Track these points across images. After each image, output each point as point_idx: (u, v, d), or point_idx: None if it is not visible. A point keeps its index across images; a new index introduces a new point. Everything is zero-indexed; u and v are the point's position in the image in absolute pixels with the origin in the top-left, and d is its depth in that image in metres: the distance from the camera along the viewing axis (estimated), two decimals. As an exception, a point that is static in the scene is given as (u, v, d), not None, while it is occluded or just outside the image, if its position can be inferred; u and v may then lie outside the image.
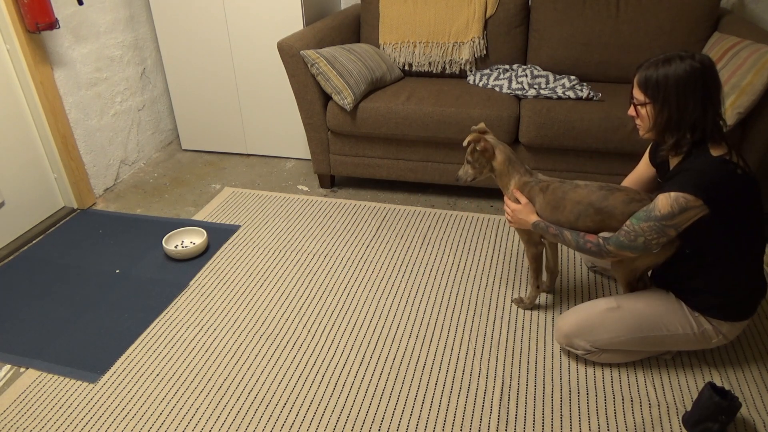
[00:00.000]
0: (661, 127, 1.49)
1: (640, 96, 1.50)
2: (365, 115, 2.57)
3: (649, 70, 1.46)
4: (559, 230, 1.69)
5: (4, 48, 2.37)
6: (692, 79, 1.40)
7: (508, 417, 1.62)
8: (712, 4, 2.57)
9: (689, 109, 1.43)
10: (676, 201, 1.43)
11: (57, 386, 1.77)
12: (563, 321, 1.76)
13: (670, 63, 1.43)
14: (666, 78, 1.42)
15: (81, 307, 2.10)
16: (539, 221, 1.75)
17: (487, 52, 2.86)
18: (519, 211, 1.80)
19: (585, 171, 2.51)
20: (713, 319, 1.61)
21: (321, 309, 2.06)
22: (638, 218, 1.51)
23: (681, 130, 1.46)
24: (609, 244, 1.57)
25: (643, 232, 1.49)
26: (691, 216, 1.44)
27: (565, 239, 1.68)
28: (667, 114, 1.46)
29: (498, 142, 1.85)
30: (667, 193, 1.45)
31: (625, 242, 1.54)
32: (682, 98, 1.42)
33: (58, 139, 2.60)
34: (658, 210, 1.46)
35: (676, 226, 1.46)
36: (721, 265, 1.54)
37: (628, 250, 1.55)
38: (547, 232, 1.73)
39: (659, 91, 1.44)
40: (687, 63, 1.41)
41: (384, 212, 2.67)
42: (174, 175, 3.11)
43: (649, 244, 1.51)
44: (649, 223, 1.48)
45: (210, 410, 1.67)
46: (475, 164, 1.87)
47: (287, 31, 2.84)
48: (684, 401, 1.65)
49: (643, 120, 1.53)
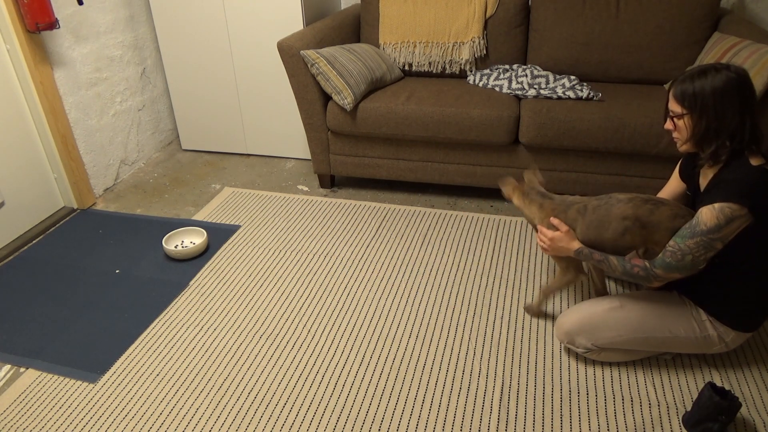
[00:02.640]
0: (699, 136, 1.47)
1: (677, 108, 1.49)
2: (365, 115, 2.57)
3: (685, 83, 1.46)
4: (604, 256, 1.61)
5: (4, 48, 2.37)
6: (729, 89, 1.40)
7: (508, 417, 1.62)
8: (712, 4, 2.57)
9: (727, 118, 1.42)
10: (721, 212, 1.40)
11: (57, 386, 1.77)
12: (565, 318, 1.76)
13: (706, 75, 1.43)
14: (703, 89, 1.42)
15: (81, 307, 2.10)
16: (582, 248, 1.66)
17: (487, 52, 2.86)
18: (559, 239, 1.71)
19: (585, 171, 2.51)
20: (721, 326, 1.60)
21: (321, 309, 2.06)
22: (682, 236, 1.46)
23: (720, 138, 1.45)
24: (656, 267, 1.51)
25: (690, 249, 1.45)
26: (737, 226, 1.41)
27: (611, 265, 1.59)
28: (705, 123, 1.45)
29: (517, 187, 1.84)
30: (711, 206, 1.42)
31: (673, 263, 1.48)
32: (720, 107, 1.42)
33: (58, 139, 2.60)
34: (703, 224, 1.42)
35: (723, 238, 1.42)
36: (747, 274, 1.53)
37: (676, 272, 1.49)
38: (592, 258, 1.64)
39: (696, 102, 1.44)
40: (723, 74, 1.41)
41: (384, 212, 2.67)
42: (174, 175, 3.11)
43: (696, 261, 1.46)
44: (695, 239, 1.43)
45: (210, 410, 1.67)
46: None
47: (287, 31, 2.84)
48: (684, 401, 1.65)
49: (680, 132, 1.52)
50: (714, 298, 1.60)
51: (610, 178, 2.49)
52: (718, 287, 1.59)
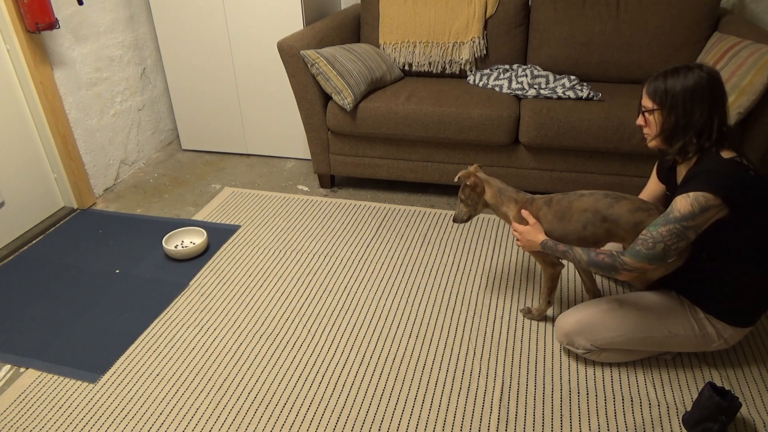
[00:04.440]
0: (668, 132, 1.51)
1: (648, 104, 1.52)
2: (365, 115, 2.57)
3: (657, 80, 1.50)
4: (568, 247, 1.65)
5: (4, 48, 2.37)
6: (699, 88, 1.44)
7: (508, 417, 1.62)
8: (712, 4, 2.57)
9: (695, 116, 1.45)
10: (696, 200, 1.41)
11: (57, 386, 1.77)
12: (564, 319, 1.76)
13: (678, 73, 1.47)
14: (674, 86, 1.46)
15: (81, 307, 2.10)
16: (547, 240, 1.71)
17: (487, 52, 2.86)
18: (527, 232, 1.76)
19: (585, 171, 2.51)
20: (718, 323, 1.61)
21: (321, 309, 2.06)
22: (655, 224, 1.48)
23: (687, 134, 1.48)
24: (625, 256, 1.52)
25: (662, 237, 1.45)
26: (710, 216, 1.42)
27: (576, 255, 1.62)
28: (674, 119, 1.48)
29: (488, 178, 1.85)
30: (686, 194, 1.44)
31: (643, 251, 1.48)
32: (689, 104, 1.45)
33: (58, 139, 2.60)
34: (677, 211, 1.44)
35: (696, 227, 1.43)
36: (736, 270, 1.54)
37: (645, 261, 1.49)
38: (557, 250, 1.68)
39: (667, 98, 1.47)
40: (695, 73, 1.45)
41: (384, 212, 2.67)
42: (174, 175, 3.11)
43: (668, 250, 1.46)
44: (668, 227, 1.45)
45: (210, 410, 1.67)
46: (468, 201, 1.87)
47: (287, 31, 2.84)
48: (684, 401, 1.66)
49: (650, 127, 1.55)
50: (709, 295, 1.61)
51: (610, 178, 2.49)
52: (712, 285, 1.59)
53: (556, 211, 1.72)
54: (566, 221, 1.70)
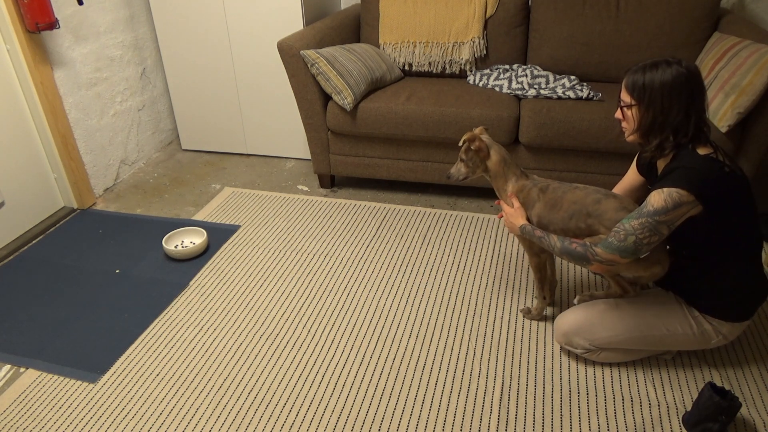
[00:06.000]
0: (645, 128, 1.51)
1: (626, 98, 1.52)
2: (365, 115, 2.57)
3: (636, 74, 1.49)
4: (544, 233, 1.67)
5: (4, 48, 2.37)
6: (677, 84, 1.43)
7: (508, 417, 1.62)
8: (712, 4, 2.57)
9: (673, 112, 1.45)
10: (669, 196, 1.43)
11: (57, 386, 1.77)
12: (562, 320, 1.76)
13: (657, 68, 1.46)
14: (652, 81, 1.45)
15: (81, 307, 2.10)
16: (526, 225, 1.73)
17: (487, 52, 2.86)
18: (511, 214, 1.80)
19: (585, 171, 2.51)
20: (714, 320, 1.61)
21: (321, 309, 2.06)
22: (629, 218, 1.49)
23: (664, 132, 1.48)
24: (596, 246, 1.54)
25: (634, 230, 1.46)
26: (683, 212, 1.43)
27: (551, 242, 1.64)
28: (651, 116, 1.48)
29: (493, 143, 1.84)
30: (660, 189, 1.45)
31: (614, 243, 1.50)
32: (667, 101, 1.45)
33: (58, 139, 2.60)
34: (651, 205, 1.45)
35: (669, 222, 1.44)
36: (720, 266, 1.55)
37: (617, 253, 1.50)
38: (534, 235, 1.70)
39: (645, 93, 1.47)
40: (674, 68, 1.44)
41: (384, 212, 2.67)
42: (174, 175, 3.11)
43: (639, 244, 1.47)
44: (640, 220, 1.46)
45: (210, 410, 1.67)
46: (469, 163, 1.85)
47: (287, 31, 2.84)
48: (684, 401, 1.66)
49: (628, 122, 1.55)
50: (700, 294, 1.61)
51: (610, 178, 2.49)
52: (701, 284, 1.60)
53: (549, 199, 1.74)
54: (555, 210, 1.71)
